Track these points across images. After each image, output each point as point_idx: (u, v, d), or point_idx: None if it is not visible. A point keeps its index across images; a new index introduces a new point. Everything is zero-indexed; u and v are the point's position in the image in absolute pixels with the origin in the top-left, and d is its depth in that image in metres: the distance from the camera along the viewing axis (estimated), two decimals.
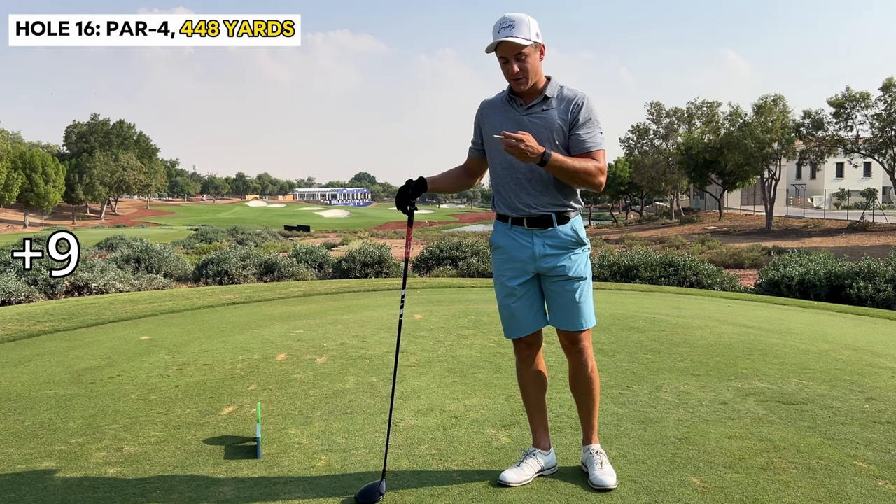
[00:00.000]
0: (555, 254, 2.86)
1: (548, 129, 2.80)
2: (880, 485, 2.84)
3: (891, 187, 57.50)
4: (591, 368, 2.97)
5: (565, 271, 2.86)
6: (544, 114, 2.82)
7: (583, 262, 2.90)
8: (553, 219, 2.85)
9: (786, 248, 28.09)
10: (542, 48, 2.81)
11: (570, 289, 2.87)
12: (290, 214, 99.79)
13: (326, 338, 5.89)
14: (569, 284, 2.87)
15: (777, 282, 12.82)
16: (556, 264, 2.86)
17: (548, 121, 2.81)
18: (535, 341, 3.04)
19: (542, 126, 2.81)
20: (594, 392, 3.00)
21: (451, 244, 18.52)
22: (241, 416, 3.85)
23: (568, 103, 2.81)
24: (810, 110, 43.85)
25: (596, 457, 2.94)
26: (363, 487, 2.80)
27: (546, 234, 2.86)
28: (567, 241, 2.86)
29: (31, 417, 3.88)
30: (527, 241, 2.88)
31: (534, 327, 2.98)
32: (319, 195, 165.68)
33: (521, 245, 2.90)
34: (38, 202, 71.83)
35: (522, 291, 2.94)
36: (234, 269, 15.63)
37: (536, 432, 3.06)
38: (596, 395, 3.02)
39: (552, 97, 2.82)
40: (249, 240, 39.96)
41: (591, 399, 3.01)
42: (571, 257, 2.87)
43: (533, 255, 2.88)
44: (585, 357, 2.95)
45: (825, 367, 4.80)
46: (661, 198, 70.14)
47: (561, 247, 2.86)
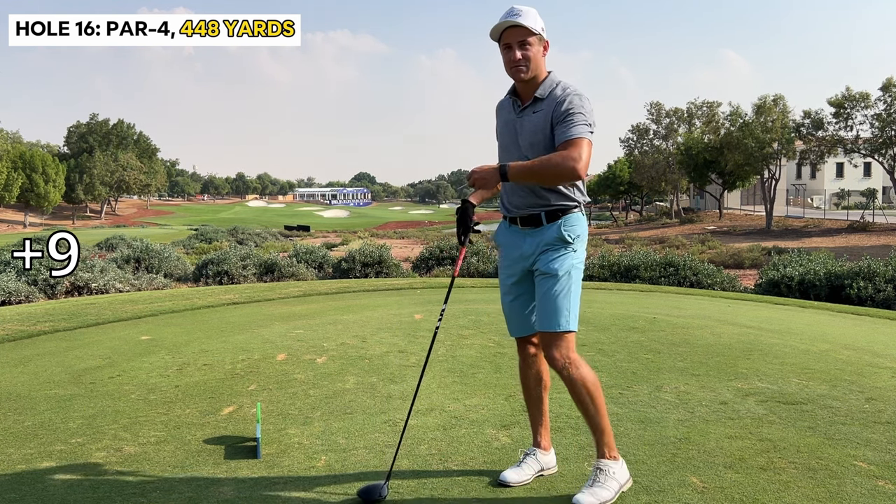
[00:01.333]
0: (541, 251, 2.82)
1: (540, 132, 2.78)
2: (880, 485, 2.84)
3: (891, 187, 57.49)
4: (574, 379, 2.76)
5: (545, 268, 2.80)
6: (535, 116, 2.81)
7: (564, 261, 2.78)
8: (542, 217, 2.82)
9: (786, 248, 28.09)
10: (546, 44, 2.81)
11: (546, 286, 2.78)
12: (290, 214, 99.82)
13: (326, 338, 5.89)
14: (546, 281, 2.79)
15: (777, 282, 12.82)
16: (539, 261, 2.82)
17: (538, 123, 2.79)
18: (532, 344, 3.01)
19: (534, 129, 2.80)
20: (587, 404, 2.79)
21: (451, 244, 18.52)
22: (241, 416, 3.85)
23: (554, 103, 2.76)
24: (810, 110, 43.85)
25: (592, 473, 2.80)
26: (367, 485, 2.81)
27: (536, 233, 2.84)
28: (552, 239, 2.81)
29: (31, 417, 3.88)
30: (519, 239, 2.89)
31: (528, 329, 2.96)
32: (319, 195, 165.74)
33: (515, 244, 2.91)
34: (38, 202, 71.85)
35: (517, 291, 2.93)
36: (234, 269, 15.62)
37: (536, 432, 3.06)
38: (591, 408, 2.79)
39: (543, 98, 2.80)
40: (249, 240, 39.96)
41: (585, 411, 2.82)
42: (553, 255, 2.79)
43: (523, 253, 2.88)
44: (561, 366, 2.76)
45: (825, 367, 4.80)
46: (661, 198, 70.10)
47: (547, 245, 2.82)
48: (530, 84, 2.82)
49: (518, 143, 2.86)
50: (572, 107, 2.72)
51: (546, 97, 2.79)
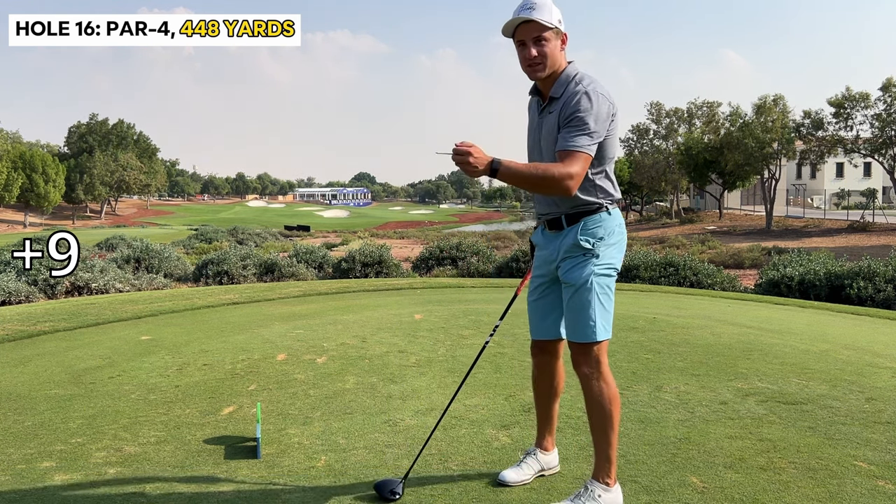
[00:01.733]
0: (564, 257, 2.69)
1: (554, 137, 2.61)
2: (880, 485, 2.84)
3: (891, 187, 57.49)
4: (594, 391, 2.64)
5: (564, 278, 2.69)
6: (550, 117, 2.65)
7: (583, 270, 2.64)
8: (563, 220, 2.69)
9: (786, 248, 28.08)
10: (564, 37, 2.64)
11: (567, 296, 2.69)
12: (290, 214, 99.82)
13: (326, 338, 5.89)
14: (567, 291, 2.69)
15: (777, 282, 12.82)
16: (561, 269, 2.70)
17: (552, 125, 2.64)
18: (548, 349, 2.89)
19: (549, 131, 2.65)
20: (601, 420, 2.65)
21: (451, 244, 18.51)
22: (241, 416, 3.85)
23: (565, 101, 2.59)
24: (810, 110, 43.86)
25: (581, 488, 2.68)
26: (385, 479, 2.83)
27: (559, 236, 2.72)
28: (569, 246, 2.67)
29: (31, 417, 3.88)
30: (547, 242, 2.79)
31: (543, 334, 2.85)
32: (319, 195, 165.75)
33: (545, 245, 2.80)
34: (38, 202, 71.86)
35: (540, 293, 2.83)
36: (234, 269, 15.62)
37: (541, 434, 2.99)
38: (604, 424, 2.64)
39: (557, 97, 2.64)
40: (249, 240, 39.94)
41: (596, 427, 2.67)
42: (571, 264, 2.67)
43: (549, 257, 2.77)
44: (584, 375, 2.66)
45: (825, 367, 4.80)
46: (661, 198, 70.07)
47: (566, 253, 2.68)
48: (548, 81, 2.67)
49: (541, 146, 2.72)
50: (579, 110, 2.53)
51: (560, 96, 2.63)
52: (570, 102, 2.57)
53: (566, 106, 2.58)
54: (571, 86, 2.61)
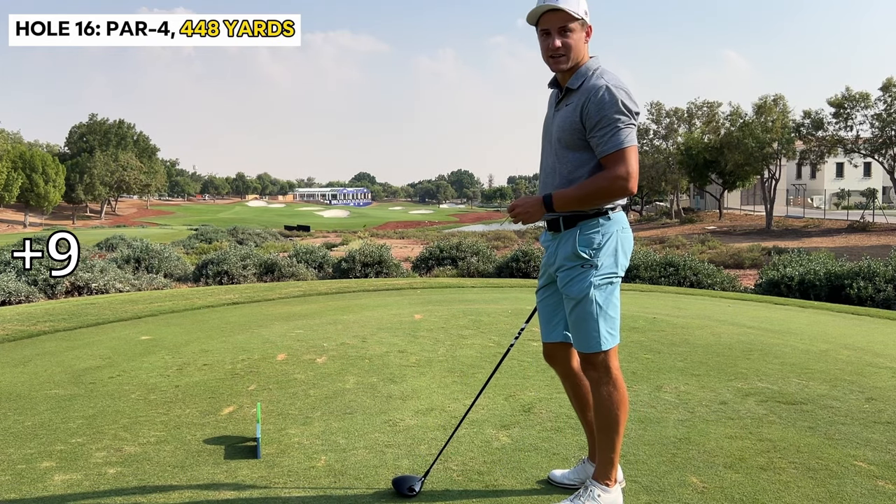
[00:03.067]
0: (561, 267, 2.61)
1: (569, 126, 2.53)
2: (880, 485, 2.84)
3: (891, 187, 57.50)
4: (602, 395, 2.59)
5: (563, 289, 2.63)
6: (566, 109, 2.55)
7: (581, 283, 2.55)
8: (560, 222, 2.60)
9: (786, 248, 28.08)
10: (589, 29, 2.55)
11: (568, 307, 2.63)
12: (290, 214, 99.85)
13: (326, 338, 5.89)
14: (567, 303, 2.63)
15: (777, 282, 12.82)
16: (559, 279, 2.64)
17: (567, 117, 2.54)
18: (556, 353, 2.82)
19: (562, 122, 2.56)
20: (607, 424, 2.60)
21: (451, 244, 18.52)
22: (241, 416, 3.85)
23: (584, 97, 2.47)
24: (810, 110, 43.87)
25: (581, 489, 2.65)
26: (404, 475, 2.86)
27: (557, 238, 2.64)
28: (567, 255, 2.59)
29: (31, 417, 3.88)
30: (548, 244, 2.74)
31: (548, 336, 2.80)
32: (319, 195, 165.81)
33: (548, 246, 2.75)
34: (38, 202, 71.90)
35: (545, 294, 2.78)
36: (234, 269, 15.62)
37: (589, 444, 2.89)
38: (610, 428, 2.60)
39: (574, 89, 2.53)
40: (249, 240, 39.95)
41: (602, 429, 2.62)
42: (568, 276, 2.59)
43: (549, 261, 2.70)
44: (594, 380, 2.62)
45: (825, 367, 4.80)
46: (661, 198, 70.08)
47: (564, 261, 2.60)
48: (568, 73, 2.56)
49: (552, 137, 2.63)
50: (605, 106, 2.42)
51: (577, 88, 2.52)
52: (591, 99, 2.46)
53: (587, 102, 2.46)
54: (592, 79, 2.50)
